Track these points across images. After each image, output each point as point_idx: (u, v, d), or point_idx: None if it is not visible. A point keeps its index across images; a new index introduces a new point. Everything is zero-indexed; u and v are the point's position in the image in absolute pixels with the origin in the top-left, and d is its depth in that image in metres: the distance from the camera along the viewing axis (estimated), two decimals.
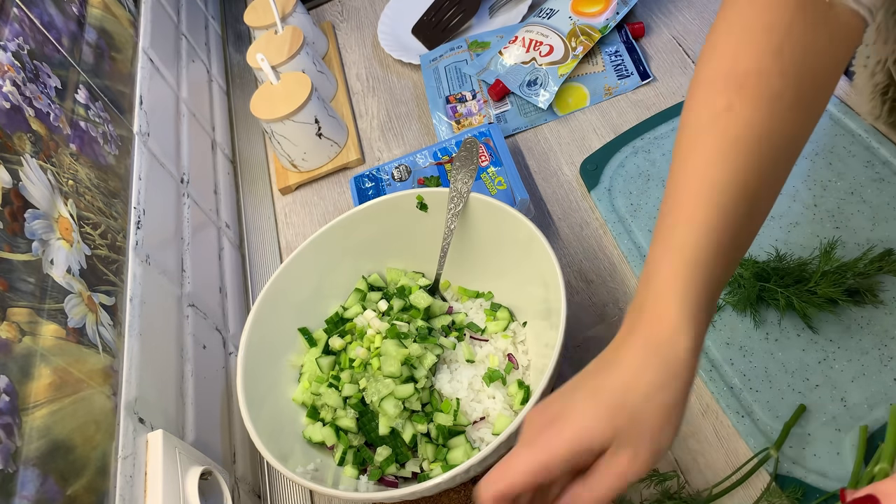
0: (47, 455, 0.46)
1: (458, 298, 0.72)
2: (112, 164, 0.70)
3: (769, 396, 0.59)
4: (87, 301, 0.57)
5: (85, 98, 0.70)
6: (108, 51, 0.80)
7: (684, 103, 0.47)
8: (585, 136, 0.86)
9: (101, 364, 0.55)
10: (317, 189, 0.96)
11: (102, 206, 0.65)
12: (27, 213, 0.54)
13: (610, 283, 0.73)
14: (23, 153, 0.56)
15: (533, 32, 0.92)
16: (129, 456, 0.54)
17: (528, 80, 0.90)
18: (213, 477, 0.61)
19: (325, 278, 0.70)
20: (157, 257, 0.71)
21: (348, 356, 0.65)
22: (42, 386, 0.48)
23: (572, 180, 0.83)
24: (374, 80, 1.07)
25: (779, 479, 0.55)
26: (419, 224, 0.70)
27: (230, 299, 0.85)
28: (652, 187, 0.76)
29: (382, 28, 1.09)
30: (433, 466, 0.61)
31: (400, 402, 0.60)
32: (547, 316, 0.62)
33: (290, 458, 0.59)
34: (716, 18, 0.47)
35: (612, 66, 0.90)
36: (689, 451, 0.60)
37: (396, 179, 0.85)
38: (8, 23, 0.62)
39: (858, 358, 0.59)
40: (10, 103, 0.57)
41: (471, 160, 0.68)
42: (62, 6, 0.73)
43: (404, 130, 0.98)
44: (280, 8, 1.03)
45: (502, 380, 0.63)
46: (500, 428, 0.60)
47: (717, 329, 0.64)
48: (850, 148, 0.70)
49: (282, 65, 0.96)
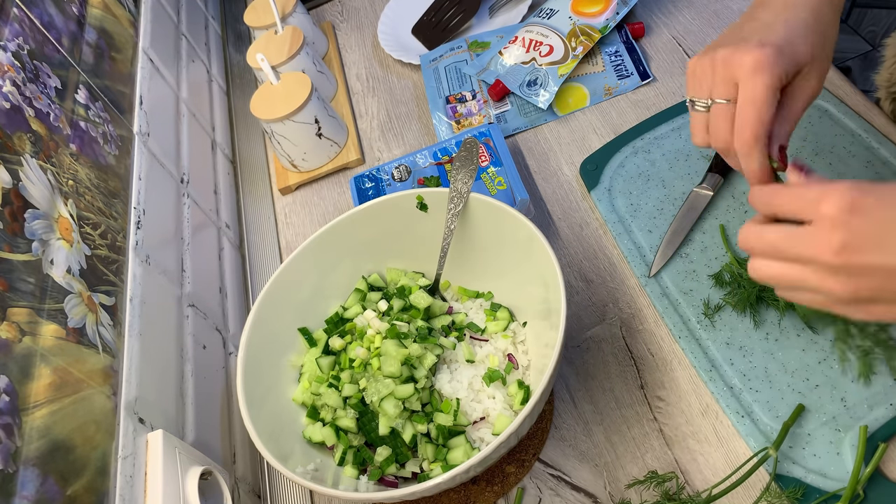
0: (47, 455, 0.46)
1: (458, 298, 0.72)
2: (112, 164, 0.70)
3: (769, 396, 0.59)
4: (87, 301, 0.57)
5: (85, 98, 0.70)
6: (108, 51, 0.80)
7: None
8: (585, 136, 0.86)
9: (101, 364, 0.55)
10: (317, 189, 0.96)
11: (102, 206, 0.66)
12: (27, 213, 0.54)
13: (610, 283, 0.73)
14: (23, 153, 0.56)
15: (533, 32, 0.92)
16: (129, 456, 0.54)
17: (528, 80, 0.90)
18: (213, 477, 0.61)
19: (325, 278, 0.70)
20: (157, 257, 0.71)
21: (348, 356, 0.65)
22: (42, 386, 0.48)
23: (572, 180, 0.83)
24: (374, 80, 1.07)
25: (778, 479, 0.55)
26: (419, 224, 0.70)
27: (230, 299, 0.85)
28: (652, 187, 0.76)
29: (382, 28, 1.09)
30: (433, 466, 0.61)
31: (400, 402, 0.60)
32: (547, 316, 0.62)
33: (290, 458, 0.59)
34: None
35: (612, 67, 0.90)
36: (689, 451, 0.60)
37: (396, 179, 0.85)
38: (8, 23, 0.62)
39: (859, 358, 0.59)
40: (10, 103, 0.57)
41: (471, 160, 0.68)
42: (62, 6, 0.73)
43: (404, 130, 0.98)
44: (280, 8, 1.03)
45: (502, 380, 0.63)
46: (500, 428, 0.60)
47: (717, 329, 0.64)
48: (850, 148, 0.71)
49: (282, 65, 0.96)
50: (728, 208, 0.72)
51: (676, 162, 0.77)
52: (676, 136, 0.79)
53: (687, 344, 0.64)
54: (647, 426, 0.63)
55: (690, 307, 0.66)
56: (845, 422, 0.56)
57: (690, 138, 0.56)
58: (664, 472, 0.60)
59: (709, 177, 0.73)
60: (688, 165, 0.76)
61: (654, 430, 0.62)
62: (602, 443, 0.63)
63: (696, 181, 0.75)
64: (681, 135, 0.79)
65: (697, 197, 0.72)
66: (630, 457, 0.62)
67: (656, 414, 0.63)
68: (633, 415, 0.64)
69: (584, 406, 0.66)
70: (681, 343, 0.65)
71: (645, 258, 0.71)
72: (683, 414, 0.62)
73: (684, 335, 0.65)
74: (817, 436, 0.57)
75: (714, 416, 0.61)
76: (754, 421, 0.59)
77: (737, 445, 0.59)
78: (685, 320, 0.66)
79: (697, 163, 0.76)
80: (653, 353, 0.67)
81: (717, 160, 0.74)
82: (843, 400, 0.57)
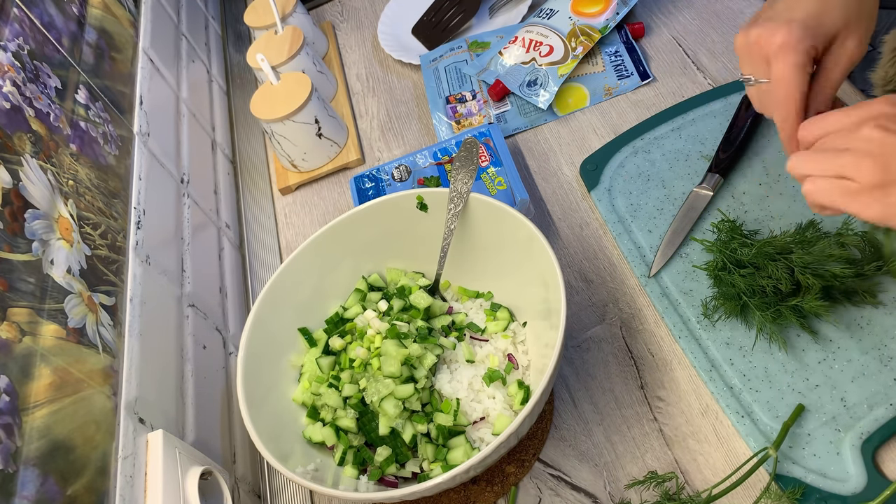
0: (47, 455, 0.46)
1: (458, 298, 0.72)
2: (112, 164, 0.70)
3: (769, 396, 0.59)
4: (87, 301, 0.57)
5: (85, 98, 0.70)
6: (108, 51, 0.80)
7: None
8: (585, 136, 0.86)
9: (101, 364, 0.56)
10: (317, 189, 0.96)
11: (102, 206, 0.66)
12: (27, 213, 0.54)
13: (610, 283, 0.73)
14: (23, 153, 0.56)
15: (533, 33, 0.92)
16: (129, 456, 0.54)
17: (528, 80, 0.90)
18: (213, 477, 0.61)
19: (325, 278, 0.70)
20: (157, 257, 0.71)
21: (348, 356, 0.65)
22: (42, 386, 0.48)
23: (572, 180, 0.83)
24: (374, 80, 1.07)
25: (778, 479, 0.55)
26: (419, 224, 0.70)
27: (230, 299, 0.85)
28: (652, 187, 0.76)
29: (382, 28, 1.09)
30: (433, 466, 0.61)
31: (400, 402, 0.60)
32: (547, 316, 0.62)
33: (290, 458, 0.59)
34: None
35: (612, 67, 0.90)
36: (689, 451, 0.60)
37: (396, 179, 0.85)
38: (8, 23, 0.62)
39: (858, 358, 0.59)
40: (10, 103, 0.57)
41: (471, 160, 0.68)
42: (62, 6, 0.73)
43: (404, 130, 0.98)
44: (280, 8, 1.03)
45: (502, 380, 0.63)
46: (500, 428, 0.60)
47: (717, 329, 0.64)
48: None
49: (282, 65, 0.96)
50: (728, 208, 0.72)
51: (676, 162, 0.77)
52: (676, 136, 0.79)
53: (687, 344, 0.64)
54: (647, 426, 0.63)
55: (690, 307, 0.66)
56: (845, 422, 0.56)
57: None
58: (664, 472, 0.60)
59: (708, 177, 0.73)
60: (688, 165, 0.76)
61: (654, 430, 0.62)
62: (602, 443, 0.63)
63: (696, 181, 0.75)
64: (681, 135, 0.79)
65: (697, 197, 0.72)
66: (630, 457, 0.62)
67: (656, 414, 0.63)
68: (633, 415, 0.64)
69: (584, 406, 0.66)
70: (681, 343, 0.65)
71: (645, 258, 0.71)
72: (683, 414, 0.62)
73: (684, 335, 0.65)
74: (817, 436, 0.57)
75: (714, 416, 0.62)
76: (754, 421, 0.59)
77: (737, 445, 0.59)
78: (685, 320, 0.66)
79: (697, 163, 0.76)
80: (653, 353, 0.67)
81: (716, 160, 0.74)
82: (843, 400, 0.57)
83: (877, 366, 0.58)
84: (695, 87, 0.85)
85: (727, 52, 0.87)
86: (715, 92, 0.81)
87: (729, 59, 0.86)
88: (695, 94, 0.83)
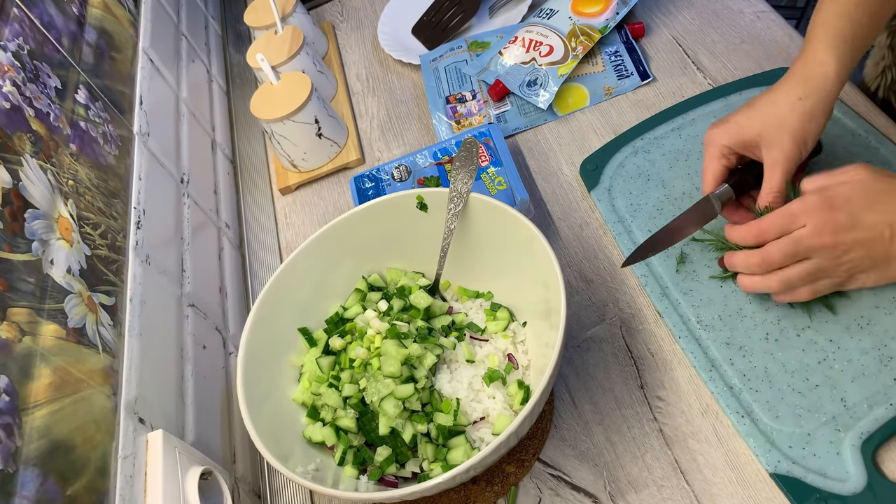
0: (47, 455, 0.46)
1: (458, 298, 0.72)
2: (112, 164, 0.70)
3: (769, 396, 0.59)
4: (87, 301, 0.57)
5: (85, 98, 0.70)
6: (108, 51, 0.80)
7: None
8: (585, 136, 0.86)
9: (101, 364, 0.55)
10: (317, 189, 0.96)
11: (102, 206, 0.66)
12: (27, 213, 0.54)
13: (610, 283, 0.73)
14: (23, 153, 0.56)
15: (533, 32, 0.92)
16: (129, 456, 0.54)
17: (528, 80, 0.90)
18: (213, 477, 0.61)
19: (325, 278, 0.70)
20: (157, 257, 0.71)
21: (348, 356, 0.65)
22: (42, 386, 0.48)
23: (572, 180, 0.83)
24: (374, 80, 1.07)
25: (779, 478, 0.55)
26: (419, 224, 0.70)
27: (230, 299, 0.85)
28: (652, 187, 0.76)
29: (382, 28, 1.09)
30: (433, 466, 0.61)
31: (400, 402, 0.60)
32: (547, 316, 0.62)
33: (290, 458, 0.59)
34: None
35: (612, 67, 0.90)
36: (689, 451, 0.60)
37: (396, 179, 0.85)
38: (8, 23, 0.62)
39: (858, 358, 0.59)
40: (10, 103, 0.57)
41: (471, 160, 0.68)
42: (62, 6, 0.73)
43: (404, 130, 0.98)
44: (280, 8, 1.03)
45: (502, 380, 0.63)
46: (500, 428, 0.60)
47: (716, 329, 0.64)
48: (851, 148, 0.71)
49: (282, 65, 0.96)
50: None
51: (676, 162, 0.77)
52: (676, 136, 0.79)
53: (687, 344, 0.64)
54: (647, 426, 0.63)
55: (690, 307, 0.66)
56: (845, 422, 0.56)
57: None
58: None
59: (724, 189, 0.64)
60: (688, 165, 0.76)
61: (654, 430, 0.62)
62: (602, 443, 0.63)
63: (696, 181, 0.75)
64: (680, 135, 0.79)
65: (707, 205, 0.64)
66: (630, 457, 0.62)
67: (656, 414, 0.63)
68: (633, 415, 0.64)
69: (584, 406, 0.66)
70: (681, 343, 0.65)
71: None
72: (683, 414, 0.62)
73: (684, 335, 0.65)
74: (817, 436, 0.57)
75: (714, 416, 0.61)
76: (754, 421, 0.59)
77: (737, 445, 0.59)
78: (685, 320, 0.66)
79: (697, 163, 0.76)
80: (653, 353, 0.67)
81: (735, 176, 0.65)
82: (843, 400, 0.57)
83: (877, 366, 0.58)
84: (695, 87, 0.85)
85: (727, 52, 0.87)
86: (715, 92, 0.81)
87: (729, 59, 0.86)
88: (695, 94, 0.83)
